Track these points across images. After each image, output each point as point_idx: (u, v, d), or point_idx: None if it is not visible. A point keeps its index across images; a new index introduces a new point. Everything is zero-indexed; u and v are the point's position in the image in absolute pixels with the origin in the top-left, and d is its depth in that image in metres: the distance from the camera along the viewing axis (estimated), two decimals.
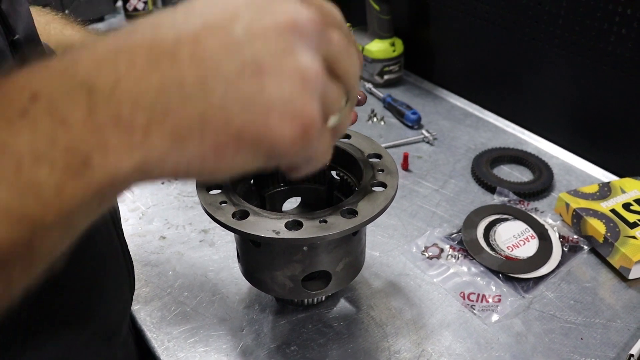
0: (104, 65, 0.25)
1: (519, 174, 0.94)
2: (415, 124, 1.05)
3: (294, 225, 0.52)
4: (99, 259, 0.53)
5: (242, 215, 0.53)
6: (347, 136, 0.65)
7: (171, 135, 0.25)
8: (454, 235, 0.80)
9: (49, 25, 0.65)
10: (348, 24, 0.33)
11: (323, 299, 0.70)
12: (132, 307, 0.68)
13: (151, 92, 0.25)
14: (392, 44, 1.16)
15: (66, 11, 1.29)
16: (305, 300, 0.68)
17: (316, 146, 0.29)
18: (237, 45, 0.26)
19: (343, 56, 0.30)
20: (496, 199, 0.87)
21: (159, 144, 0.25)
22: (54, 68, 0.25)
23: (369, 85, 1.17)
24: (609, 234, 0.74)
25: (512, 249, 0.77)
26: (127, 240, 0.61)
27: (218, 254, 0.78)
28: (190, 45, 0.26)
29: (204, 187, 0.57)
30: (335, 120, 0.31)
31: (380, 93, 1.14)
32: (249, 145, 0.26)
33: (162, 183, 0.91)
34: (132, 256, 0.62)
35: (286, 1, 0.28)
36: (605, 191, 0.83)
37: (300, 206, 0.74)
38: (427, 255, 0.77)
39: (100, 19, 1.49)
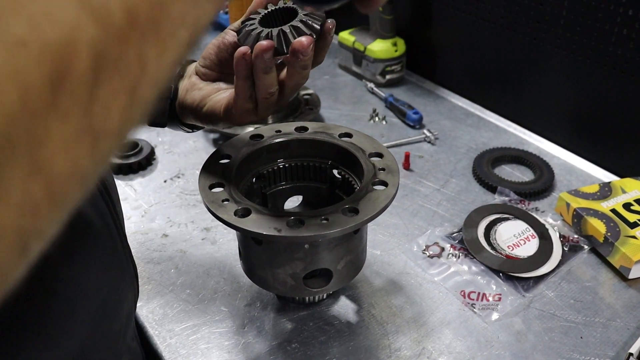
0: None
1: (519, 174, 0.94)
2: (417, 123, 1.05)
3: (296, 223, 0.52)
4: (102, 267, 0.51)
5: (244, 213, 0.54)
6: (349, 135, 0.65)
7: None
8: (455, 234, 0.80)
9: None
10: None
11: (324, 296, 0.70)
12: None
13: None
14: (394, 44, 1.16)
15: None
16: (307, 298, 0.68)
17: None
18: None
19: None
20: (497, 199, 0.87)
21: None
22: None
23: (371, 85, 1.18)
24: (609, 234, 0.75)
25: (513, 248, 0.77)
26: (129, 239, 0.60)
27: (220, 251, 0.78)
28: None
29: (206, 185, 0.58)
30: None
31: (382, 93, 1.14)
32: None
33: (165, 181, 0.92)
34: (134, 254, 0.61)
35: None
36: (605, 191, 0.83)
37: (302, 204, 0.74)
38: (428, 254, 0.77)
39: None
